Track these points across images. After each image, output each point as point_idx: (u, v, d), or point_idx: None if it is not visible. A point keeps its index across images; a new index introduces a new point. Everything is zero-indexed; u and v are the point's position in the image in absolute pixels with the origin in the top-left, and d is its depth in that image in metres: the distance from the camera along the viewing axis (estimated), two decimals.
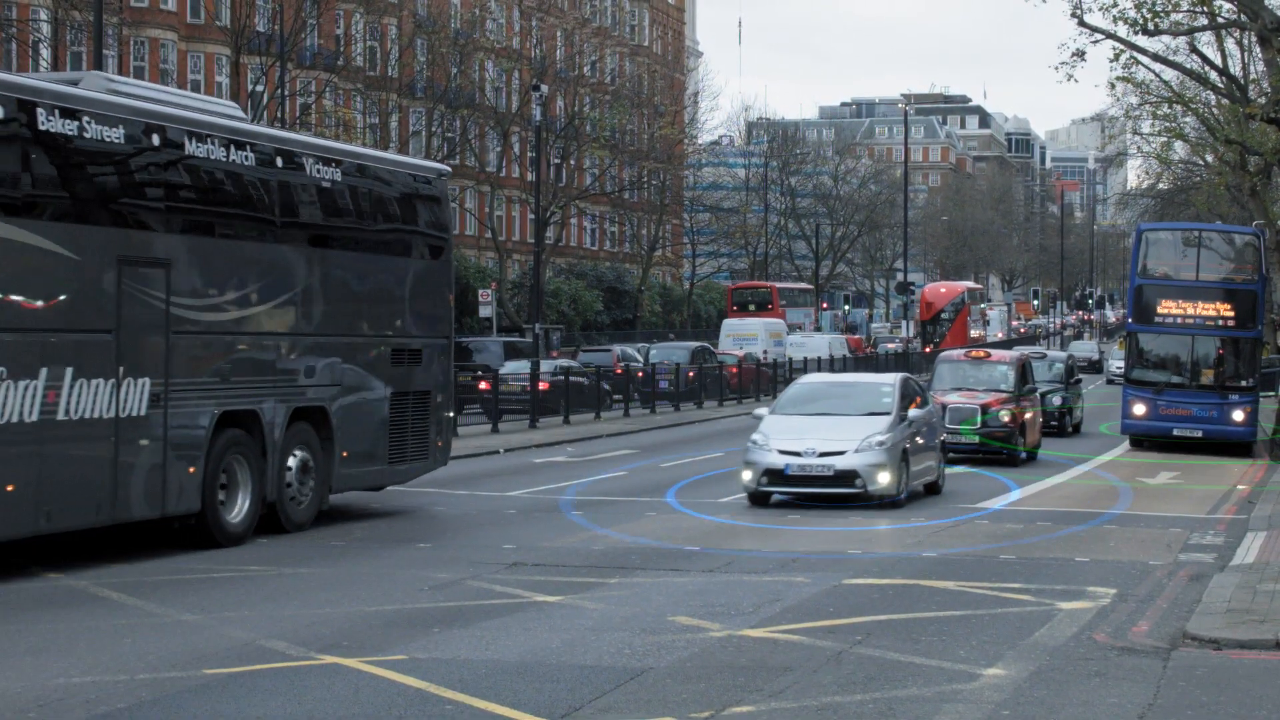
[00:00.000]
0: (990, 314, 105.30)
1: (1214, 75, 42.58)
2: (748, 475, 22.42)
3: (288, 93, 51.04)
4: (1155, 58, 38.80)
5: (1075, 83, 56.54)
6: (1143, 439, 35.92)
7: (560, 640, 12.28)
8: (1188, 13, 33.44)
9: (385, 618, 13.39)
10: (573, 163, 74.55)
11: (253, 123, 45.28)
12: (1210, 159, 53.22)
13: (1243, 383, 35.36)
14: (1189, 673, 11.35)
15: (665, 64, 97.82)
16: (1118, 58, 34.11)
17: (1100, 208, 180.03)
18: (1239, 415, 35.09)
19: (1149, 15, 31.42)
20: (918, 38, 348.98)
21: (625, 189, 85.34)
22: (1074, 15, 32.86)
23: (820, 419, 23.12)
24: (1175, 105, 45.37)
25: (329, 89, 59.60)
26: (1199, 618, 13.25)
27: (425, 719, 9.84)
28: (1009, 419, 30.09)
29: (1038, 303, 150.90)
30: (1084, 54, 33.37)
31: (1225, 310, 35.27)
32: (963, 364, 32.96)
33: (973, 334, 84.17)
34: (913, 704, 10.31)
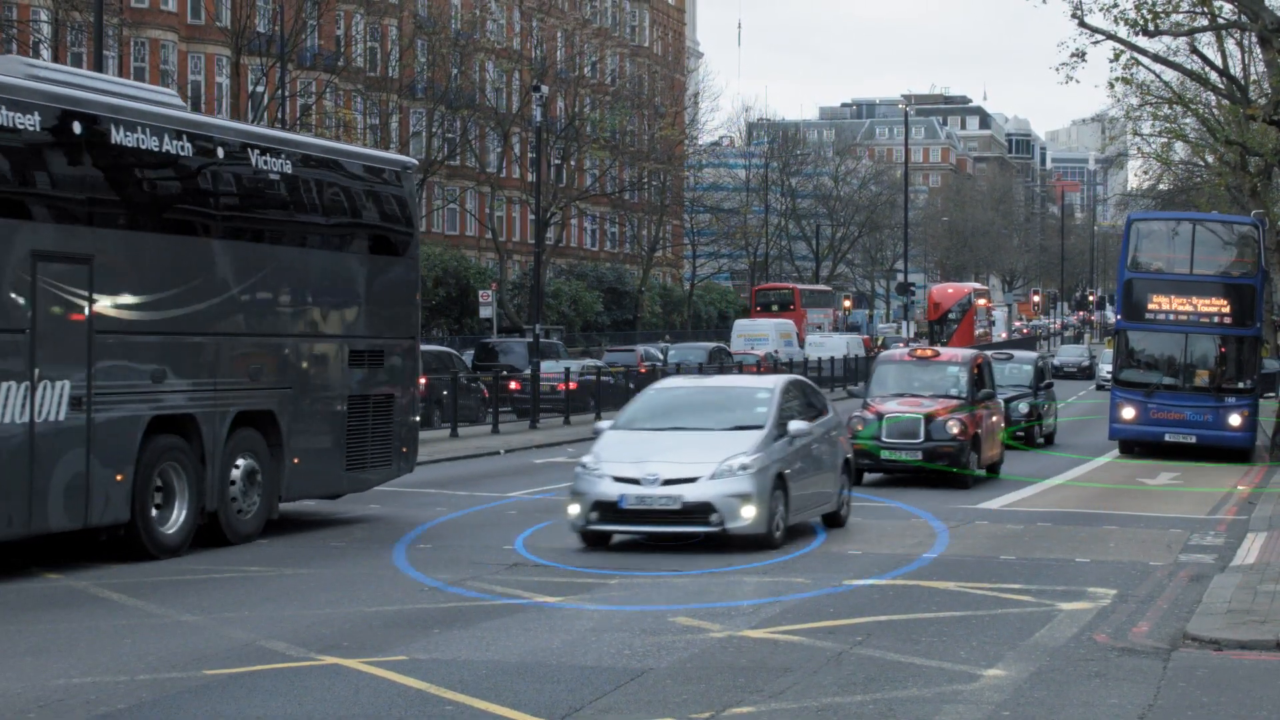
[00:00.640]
0: (994, 314, 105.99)
1: (1214, 76, 42.58)
2: (574, 510, 17.70)
3: (288, 93, 51.03)
4: (1156, 58, 38.78)
5: (1076, 84, 56.80)
6: (1133, 444, 33.85)
7: (560, 641, 12.28)
8: (1188, 13, 33.43)
9: (385, 618, 13.39)
10: (573, 163, 74.56)
11: (252, 121, 45.53)
12: (1211, 160, 53.19)
13: (1240, 384, 33.00)
14: (1189, 673, 11.35)
15: (665, 65, 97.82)
16: (1118, 58, 34.10)
17: (1101, 208, 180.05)
18: (1235, 419, 32.80)
19: (1149, 16, 31.41)
20: (918, 38, 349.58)
21: (625, 190, 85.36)
22: (1074, 16, 32.87)
23: (674, 435, 18.37)
24: (1176, 106, 45.37)
25: (329, 90, 59.61)
26: (1199, 618, 13.25)
27: (425, 719, 9.85)
28: (959, 431, 25.52)
29: (1038, 301, 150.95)
30: (1084, 55, 33.39)
31: (1221, 306, 33.03)
32: (906, 365, 28.44)
33: (978, 333, 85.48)
34: (913, 704, 10.31)
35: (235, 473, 17.99)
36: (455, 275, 64.51)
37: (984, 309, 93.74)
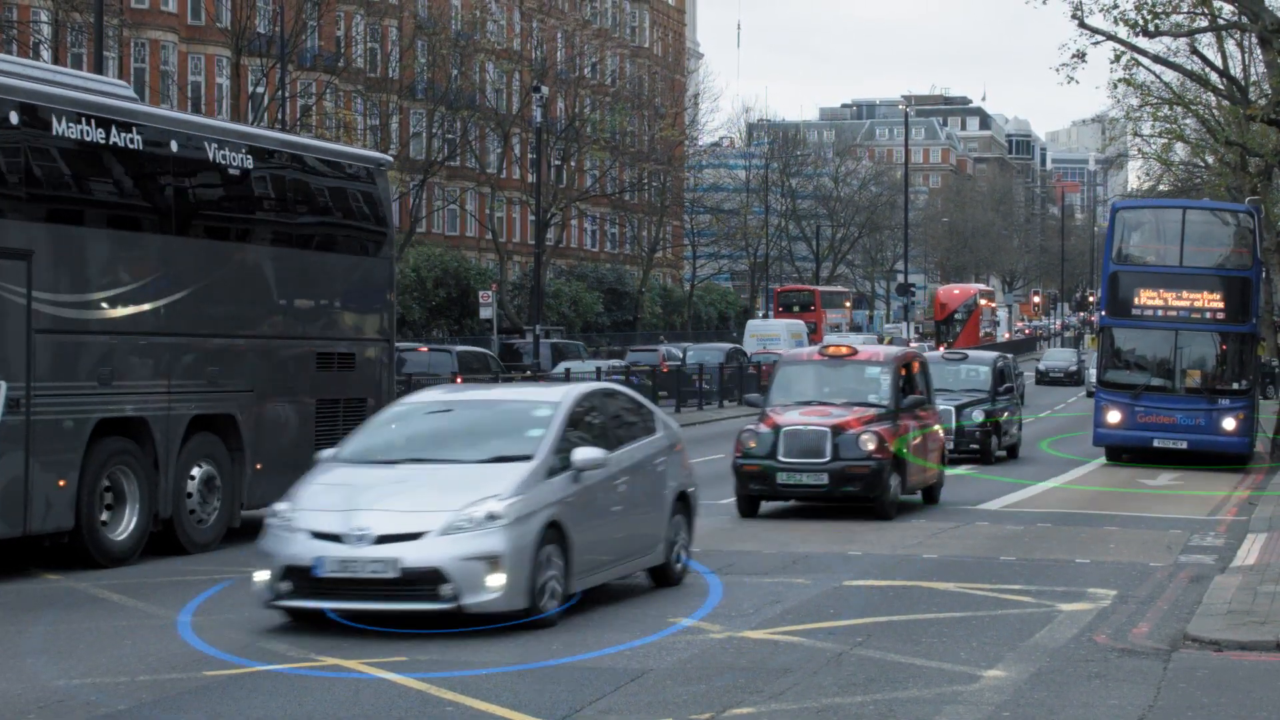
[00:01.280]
0: (998, 315, 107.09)
1: (1214, 77, 42.62)
2: (260, 578, 12.70)
3: (288, 94, 51.04)
4: (1156, 59, 38.79)
5: (1076, 84, 56.86)
6: (1120, 451, 31.63)
7: (560, 642, 12.27)
8: (1188, 14, 33.47)
9: None
10: (573, 164, 74.56)
11: (252, 122, 45.53)
12: (1211, 160, 53.24)
13: (1235, 385, 30.66)
14: (1189, 674, 11.35)
15: (666, 65, 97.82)
16: (1118, 59, 34.14)
17: (1101, 209, 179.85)
18: (1229, 423, 30.29)
19: (1149, 17, 31.42)
20: (918, 39, 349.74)
21: (626, 190, 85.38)
22: (1074, 17, 32.88)
23: (409, 471, 13.26)
24: (1176, 107, 45.41)
25: (329, 90, 59.61)
26: (1199, 619, 13.24)
27: None
28: (875, 447, 20.82)
29: (1038, 302, 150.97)
30: (1084, 55, 33.42)
31: (1214, 300, 30.58)
32: (815, 367, 23.22)
33: (983, 334, 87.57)
34: (913, 705, 10.30)
35: (194, 479, 17.30)
36: (455, 276, 64.51)
37: (989, 310, 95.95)
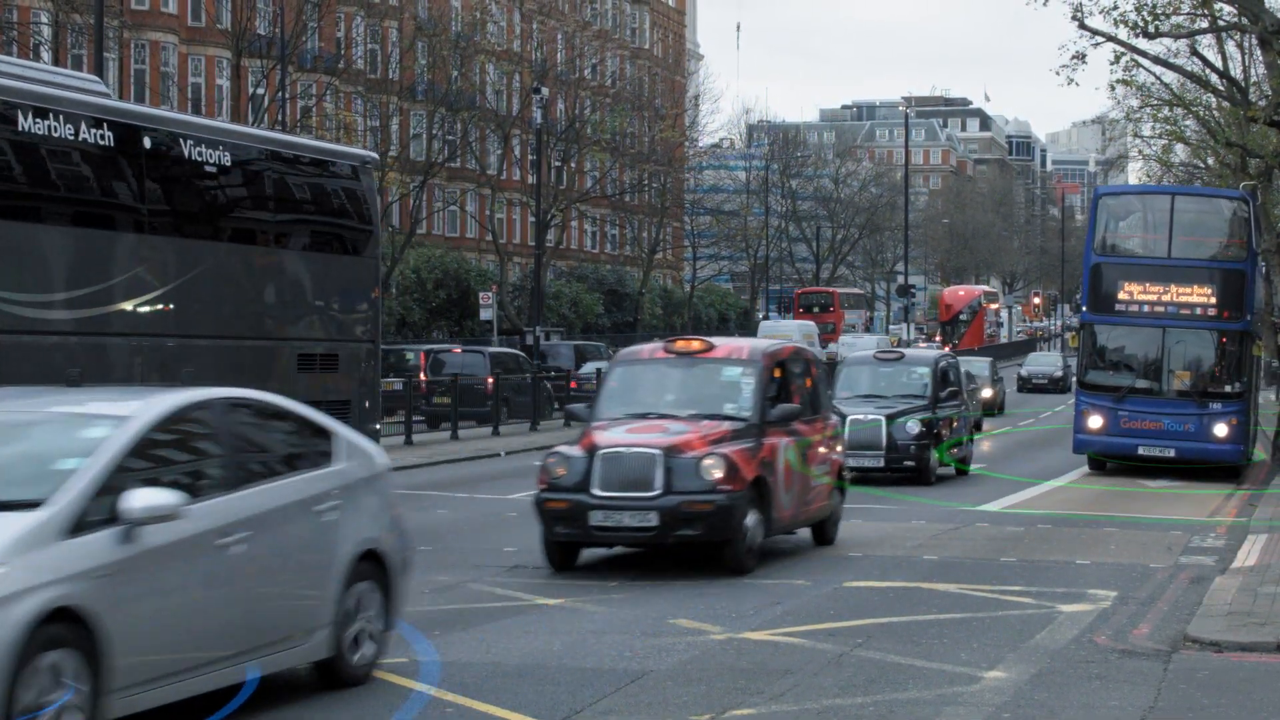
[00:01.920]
0: (1001, 316, 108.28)
1: (1215, 78, 42.62)
2: None
3: (288, 96, 51.04)
4: (1156, 60, 38.77)
5: (1076, 86, 56.69)
6: (1103, 459, 29.25)
7: (561, 643, 12.28)
8: (1188, 15, 33.45)
9: None
10: (573, 165, 74.55)
11: (253, 123, 45.51)
12: (1211, 162, 53.24)
13: (1227, 387, 28.22)
14: (1190, 675, 11.35)
15: (666, 67, 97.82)
16: (1118, 60, 34.12)
17: None
18: (1221, 429, 27.82)
19: (1149, 18, 31.40)
20: (918, 40, 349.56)
21: (626, 192, 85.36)
22: (1074, 18, 32.88)
23: None
24: (1176, 108, 45.44)
25: (330, 92, 59.61)
26: (1200, 620, 13.24)
27: None
28: (724, 475, 15.40)
29: (1038, 303, 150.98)
30: (1084, 57, 33.37)
31: (1205, 295, 28.21)
32: (657, 367, 17.30)
33: (987, 334, 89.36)
34: (913, 706, 10.31)
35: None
36: (455, 277, 64.52)
37: (993, 311, 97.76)
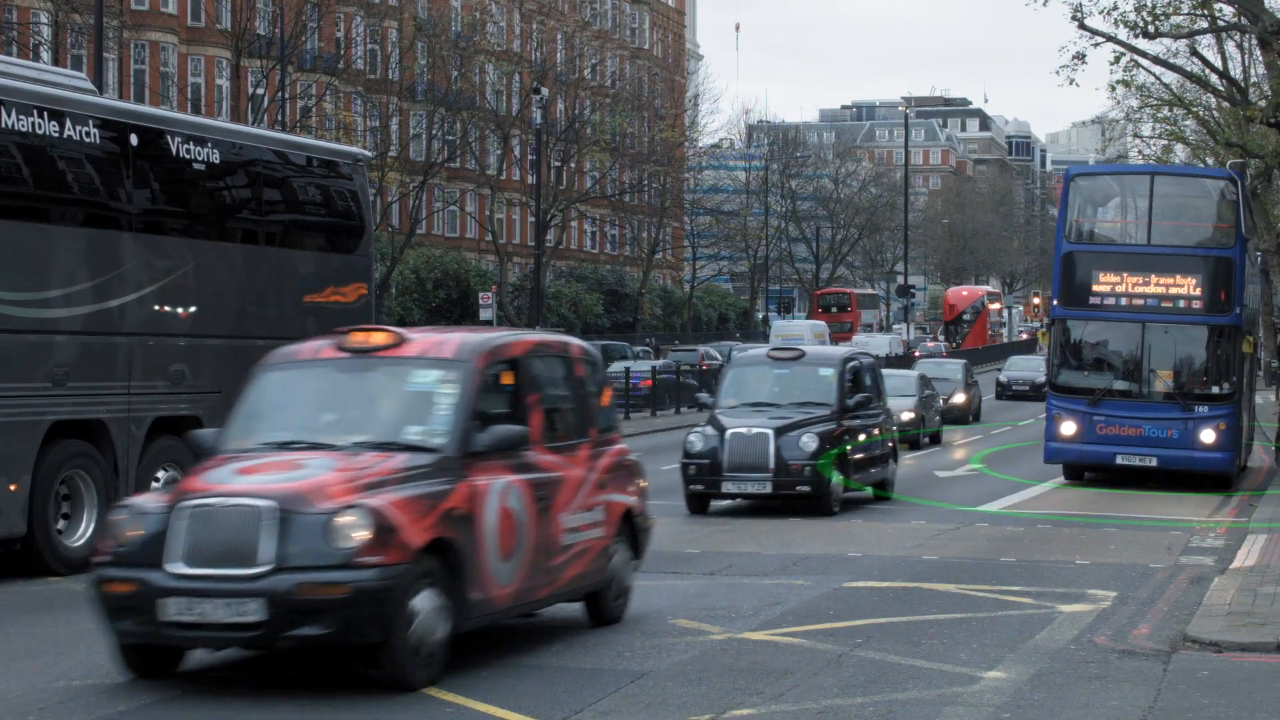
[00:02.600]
0: (1003, 316, 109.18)
1: (1214, 78, 42.68)
2: None
3: (288, 96, 51.04)
4: (1156, 60, 38.81)
5: (1076, 86, 56.60)
6: (1080, 469, 26.85)
7: (560, 643, 12.28)
8: (1188, 15, 33.50)
9: None
10: (573, 166, 74.55)
11: (252, 123, 45.52)
12: (1211, 162, 53.22)
13: (1215, 388, 25.59)
14: (1190, 675, 11.35)
15: (665, 67, 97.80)
16: (1118, 61, 34.17)
17: None
18: (1209, 435, 25.29)
19: (1149, 18, 31.43)
20: (917, 40, 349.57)
21: (626, 192, 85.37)
22: (1074, 18, 32.90)
23: None
24: (1175, 108, 45.50)
25: (330, 92, 59.61)
26: (1199, 620, 13.24)
27: None
28: (369, 540, 10.13)
29: (1037, 303, 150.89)
30: (1084, 57, 33.45)
31: (1190, 286, 25.62)
32: (319, 372, 12.02)
33: (991, 334, 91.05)
34: (913, 707, 10.31)
35: (156, 485, 16.62)
36: (455, 277, 64.55)
37: (996, 311, 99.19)
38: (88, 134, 16.20)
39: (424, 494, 10.66)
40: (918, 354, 77.42)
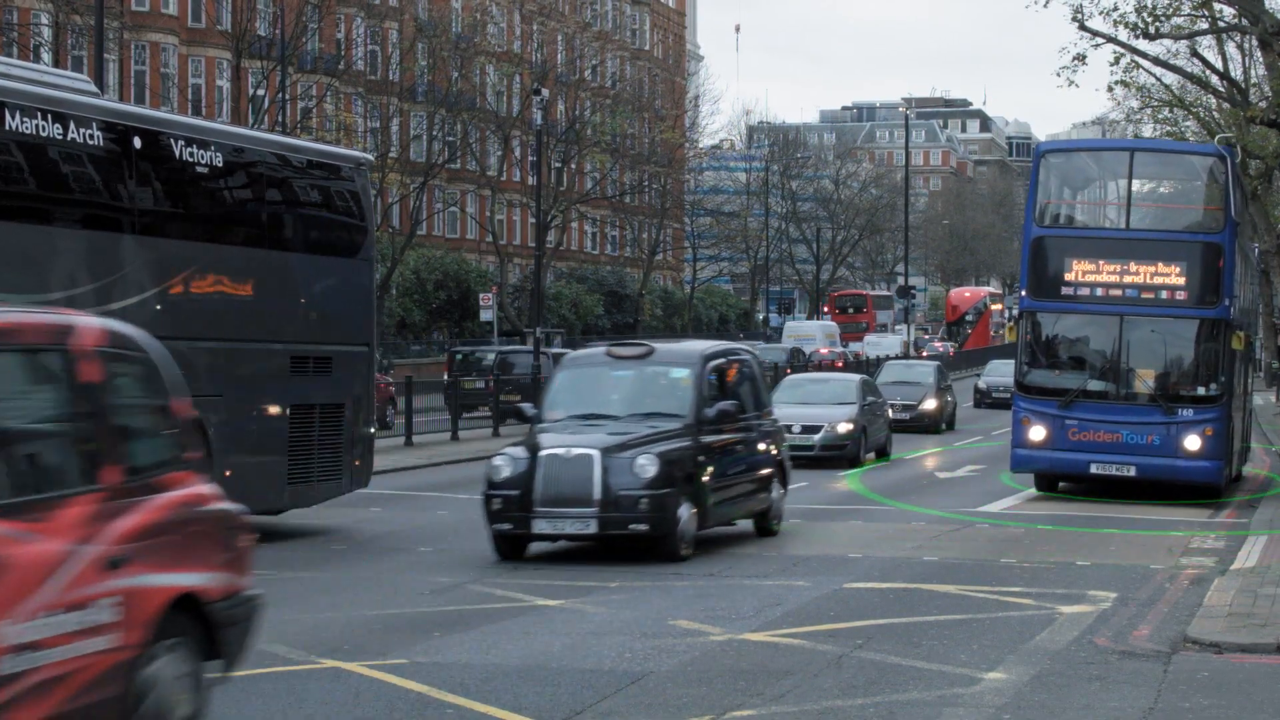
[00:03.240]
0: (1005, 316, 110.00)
1: (1215, 79, 42.74)
2: None
3: (289, 97, 51.05)
4: (1156, 61, 38.84)
5: (1076, 87, 56.56)
6: (1053, 479, 24.74)
7: (561, 644, 12.28)
8: (1189, 16, 33.52)
9: (386, 622, 13.38)
10: (573, 167, 74.59)
11: (253, 124, 45.54)
12: None
13: (1201, 389, 23.42)
14: (1190, 676, 11.34)
15: (666, 68, 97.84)
16: (1118, 61, 34.22)
17: None
18: (1194, 442, 23.10)
19: (1150, 19, 31.44)
20: (918, 41, 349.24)
21: (626, 193, 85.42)
22: (1075, 19, 32.91)
23: None
24: (1176, 109, 45.54)
25: (330, 93, 59.63)
26: (1200, 621, 13.24)
27: None
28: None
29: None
30: (1085, 58, 33.44)
31: (1173, 275, 23.38)
32: None
33: (993, 335, 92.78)
34: (914, 708, 10.31)
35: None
36: (456, 278, 64.58)
37: (998, 312, 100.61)
38: (90, 136, 16.20)
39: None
40: (924, 354, 77.76)
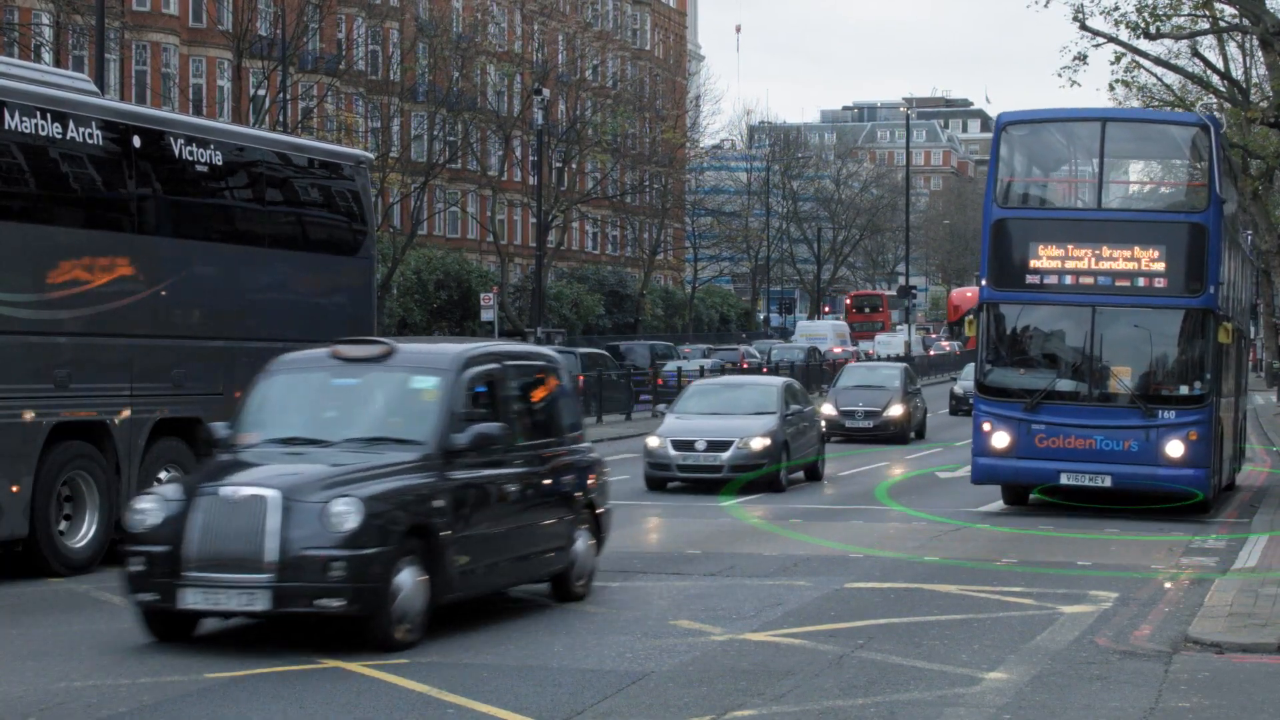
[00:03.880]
0: None
1: (1215, 79, 42.75)
2: None
3: (289, 97, 51.04)
4: (1157, 61, 38.88)
5: (1077, 87, 56.59)
6: (1020, 490, 22.52)
7: (562, 644, 12.28)
8: (1189, 16, 33.53)
9: None
10: (574, 167, 74.56)
11: (254, 124, 45.54)
12: None
13: (1184, 388, 21.25)
14: (1191, 676, 11.35)
15: (667, 68, 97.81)
16: (1119, 61, 34.24)
17: None
18: (1175, 448, 20.97)
19: (1151, 19, 31.46)
20: (918, 41, 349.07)
21: (627, 193, 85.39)
22: (1076, 19, 32.93)
23: None
24: (1177, 109, 45.48)
25: (331, 93, 59.62)
26: (1201, 621, 13.24)
27: None
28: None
29: None
30: (1086, 58, 33.49)
31: (1151, 260, 21.04)
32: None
33: None
34: (914, 708, 10.31)
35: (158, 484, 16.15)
36: (456, 278, 64.52)
37: None
38: (91, 135, 16.20)
39: None
40: (932, 354, 77.90)
